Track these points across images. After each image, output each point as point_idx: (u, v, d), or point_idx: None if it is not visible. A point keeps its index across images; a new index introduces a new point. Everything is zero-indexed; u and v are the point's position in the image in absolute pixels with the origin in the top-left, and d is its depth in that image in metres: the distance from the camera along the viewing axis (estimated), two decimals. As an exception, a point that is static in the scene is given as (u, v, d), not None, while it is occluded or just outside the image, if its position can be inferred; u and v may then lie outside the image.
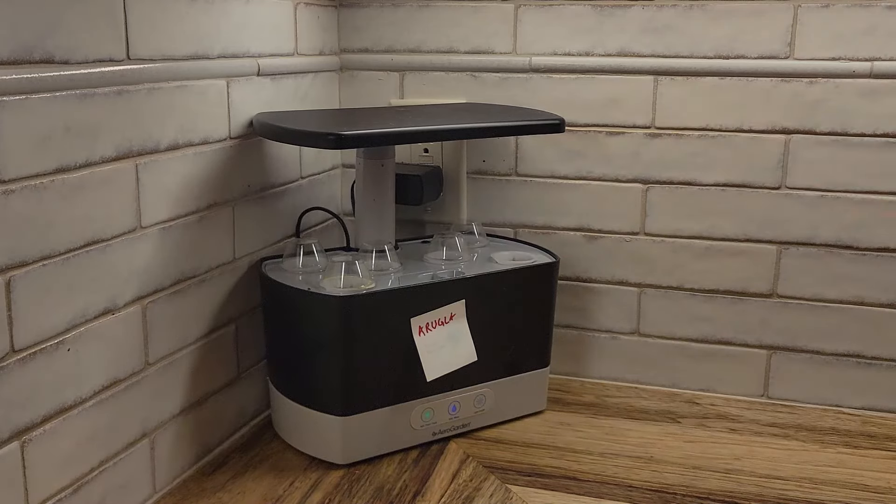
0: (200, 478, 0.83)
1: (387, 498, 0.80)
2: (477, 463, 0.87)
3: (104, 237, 0.69)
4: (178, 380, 0.81)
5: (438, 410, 0.89)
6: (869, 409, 1.00)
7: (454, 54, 1.06)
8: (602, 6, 1.00)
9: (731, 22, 0.96)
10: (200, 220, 0.81)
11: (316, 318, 0.84)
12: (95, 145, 0.67)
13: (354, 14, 1.08)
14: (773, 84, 0.96)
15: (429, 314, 0.86)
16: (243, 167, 0.88)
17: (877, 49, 0.93)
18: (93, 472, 0.70)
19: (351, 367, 0.84)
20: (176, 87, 0.76)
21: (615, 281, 1.06)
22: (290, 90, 0.97)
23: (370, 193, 0.94)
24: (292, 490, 0.81)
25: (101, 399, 0.70)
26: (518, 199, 1.07)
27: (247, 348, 0.92)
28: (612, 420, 0.97)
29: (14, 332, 0.60)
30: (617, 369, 1.08)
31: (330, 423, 0.85)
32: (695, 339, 1.04)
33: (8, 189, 0.59)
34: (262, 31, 0.90)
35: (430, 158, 1.08)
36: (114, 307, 0.71)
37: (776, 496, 0.81)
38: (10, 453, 0.61)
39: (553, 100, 1.03)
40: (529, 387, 0.97)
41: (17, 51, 0.59)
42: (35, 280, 0.62)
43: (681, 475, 0.85)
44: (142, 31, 0.71)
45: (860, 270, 0.98)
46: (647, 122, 1.01)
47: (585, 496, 0.81)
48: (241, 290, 0.89)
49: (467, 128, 0.87)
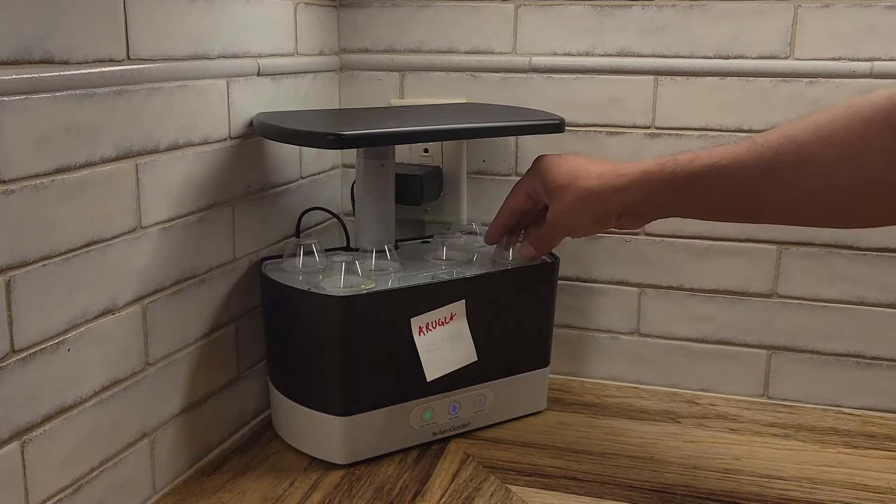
0: (200, 478, 0.83)
1: (387, 498, 0.80)
2: (477, 463, 0.87)
3: (104, 237, 0.69)
4: (178, 380, 0.81)
5: (438, 410, 0.89)
6: (869, 409, 1.00)
7: (454, 54, 1.06)
8: (602, 6, 1.00)
9: (731, 22, 0.96)
10: (200, 220, 0.81)
11: (316, 318, 0.84)
12: (95, 145, 0.67)
13: (354, 14, 1.08)
14: (773, 84, 0.96)
15: (429, 314, 0.86)
16: (243, 167, 0.88)
17: (877, 49, 0.93)
18: (93, 472, 0.70)
19: (351, 367, 0.84)
20: (176, 87, 0.76)
21: (615, 281, 1.06)
22: (290, 90, 0.97)
23: (370, 193, 0.94)
24: (292, 490, 0.81)
25: (101, 399, 0.70)
26: (518, 199, 1.07)
27: (247, 348, 0.92)
28: (612, 420, 0.97)
29: (14, 332, 0.60)
30: (617, 369, 1.08)
31: (330, 423, 0.85)
32: (695, 339, 1.04)
33: (8, 189, 0.59)
34: (262, 31, 0.90)
35: (430, 158, 1.08)
36: (114, 307, 0.71)
37: (776, 496, 0.81)
38: (10, 453, 0.61)
39: (553, 100, 1.03)
40: (529, 387, 0.97)
41: (17, 51, 0.59)
42: (35, 280, 0.62)
43: (681, 475, 0.85)
44: (142, 31, 0.71)
45: (860, 270, 0.98)
46: (647, 122, 1.01)
47: (585, 496, 0.81)
48: (241, 290, 0.89)
49: (467, 128, 0.87)
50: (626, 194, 0.77)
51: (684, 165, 0.73)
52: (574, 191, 0.80)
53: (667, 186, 0.74)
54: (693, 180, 0.73)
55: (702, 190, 0.73)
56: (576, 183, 0.80)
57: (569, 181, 0.81)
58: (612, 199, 0.78)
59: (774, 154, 0.68)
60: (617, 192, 0.78)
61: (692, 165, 0.73)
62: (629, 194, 0.77)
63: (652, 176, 0.75)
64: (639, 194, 0.76)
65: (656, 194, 0.76)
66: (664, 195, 0.75)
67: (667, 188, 0.74)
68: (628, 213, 0.79)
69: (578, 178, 0.80)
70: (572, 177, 0.81)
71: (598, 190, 0.79)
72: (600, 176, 0.79)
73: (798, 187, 0.67)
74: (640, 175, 0.76)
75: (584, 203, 0.80)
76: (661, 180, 0.75)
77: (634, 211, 0.79)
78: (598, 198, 0.79)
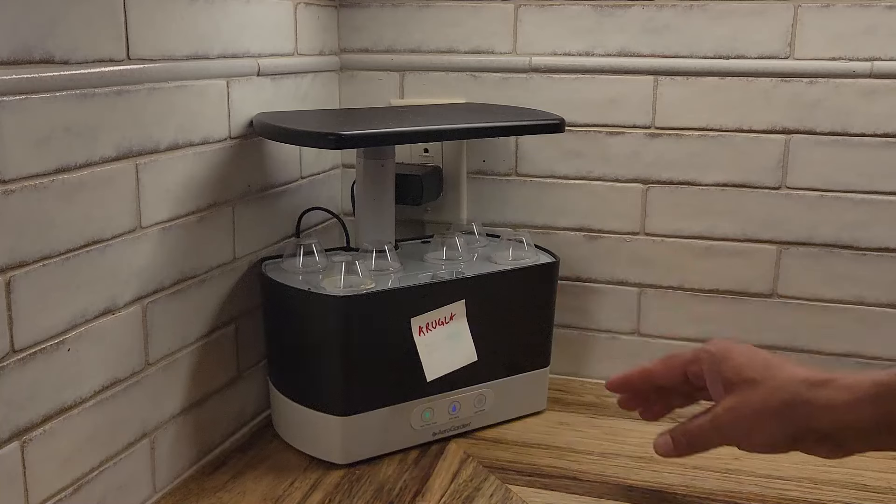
0: (200, 478, 0.83)
1: (387, 498, 0.80)
2: (477, 463, 0.87)
3: (104, 237, 0.69)
4: (178, 380, 0.81)
5: (438, 410, 0.89)
6: (869, 409, 1.00)
7: (454, 54, 1.06)
8: (602, 6, 1.00)
9: (731, 22, 0.96)
10: (200, 220, 0.81)
11: (316, 318, 0.84)
12: (95, 145, 0.67)
13: (354, 14, 1.08)
14: (773, 84, 0.96)
15: (429, 314, 0.86)
16: (243, 167, 0.88)
17: (877, 49, 0.93)
18: (93, 472, 0.70)
19: (351, 367, 0.84)
20: (176, 87, 0.76)
21: (615, 281, 1.06)
22: (290, 90, 0.97)
23: (370, 193, 0.94)
24: (292, 490, 0.81)
25: (101, 399, 0.70)
26: (518, 199, 1.07)
27: (247, 348, 0.92)
28: (612, 420, 0.97)
29: (14, 332, 0.60)
30: (617, 369, 1.07)
31: (330, 423, 0.85)
32: (695, 339, 1.04)
33: (8, 189, 0.59)
34: (262, 31, 0.90)
35: (430, 158, 1.08)
36: (114, 307, 0.71)
37: (776, 496, 0.81)
38: (10, 453, 0.61)
39: (553, 100, 1.03)
40: (529, 387, 0.97)
41: (17, 51, 0.59)
42: (35, 280, 0.62)
43: (681, 475, 0.85)
44: (142, 31, 0.71)
45: (860, 270, 0.98)
46: (647, 122, 1.01)
47: (585, 496, 0.81)
48: (241, 290, 0.89)
49: (467, 128, 0.87)
50: (848, 412, 0.59)
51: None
52: (771, 390, 0.63)
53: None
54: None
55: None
56: (774, 381, 0.63)
57: (763, 377, 0.64)
58: (826, 415, 0.60)
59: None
60: (835, 407, 0.60)
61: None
62: (853, 412, 0.59)
63: (891, 389, 0.58)
64: (867, 413, 0.59)
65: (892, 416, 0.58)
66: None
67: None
68: (835, 439, 0.62)
69: (778, 376, 0.63)
70: (769, 372, 0.64)
71: (808, 399, 0.61)
72: (809, 381, 0.62)
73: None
74: (870, 387, 0.59)
75: (783, 409, 0.62)
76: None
77: (848, 436, 0.61)
78: (806, 408, 0.61)
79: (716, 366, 0.67)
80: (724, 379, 0.66)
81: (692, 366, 0.71)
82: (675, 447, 0.70)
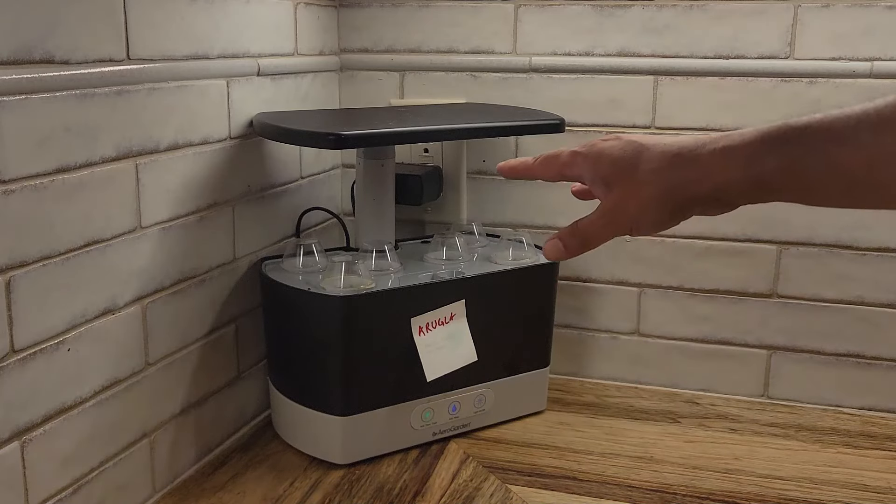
0: (200, 478, 0.83)
1: (387, 498, 0.80)
2: (477, 463, 0.87)
3: (104, 237, 0.69)
4: (178, 380, 0.81)
5: (438, 410, 0.89)
6: (869, 409, 1.00)
7: (454, 54, 1.06)
8: (602, 6, 1.00)
9: (731, 22, 0.96)
10: (200, 220, 0.81)
11: (316, 318, 0.84)
12: (95, 145, 0.67)
13: (354, 14, 1.08)
14: (773, 84, 0.96)
15: (429, 314, 0.86)
16: (243, 167, 0.88)
17: (877, 49, 0.93)
18: (93, 472, 0.70)
19: (351, 367, 0.84)
20: (176, 87, 0.76)
21: (615, 281, 1.06)
22: (290, 90, 0.97)
23: (370, 193, 0.94)
24: (292, 490, 0.81)
25: (101, 399, 0.70)
26: (518, 199, 1.07)
27: (247, 348, 0.92)
28: (612, 420, 0.97)
29: (14, 332, 0.60)
30: (617, 369, 1.08)
31: (330, 423, 0.85)
32: (695, 339, 1.04)
33: (8, 189, 0.59)
34: (262, 31, 0.90)
35: (430, 158, 1.08)
36: (114, 307, 0.71)
37: (776, 496, 0.81)
38: (10, 453, 0.61)
39: (553, 100, 1.03)
40: (529, 387, 0.97)
41: (17, 51, 0.59)
42: (35, 280, 0.62)
43: (681, 475, 0.85)
44: (142, 31, 0.71)
45: (860, 270, 0.98)
46: (647, 122, 1.01)
47: (585, 496, 0.81)
48: (241, 290, 0.89)
49: (467, 128, 0.87)
50: (722, 176, 0.58)
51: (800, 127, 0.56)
52: (647, 174, 0.60)
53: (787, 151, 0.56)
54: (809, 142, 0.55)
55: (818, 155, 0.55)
56: (650, 164, 0.60)
57: (639, 161, 0.61)
58: (703, 184, 0.58)
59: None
60: (710, 175, 0.58)
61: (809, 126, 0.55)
62: (726, 175, 0.58)
63: (775, 138, 0.56)
64: (739, 176, 0.58)
65: (780, 160, 0.57)
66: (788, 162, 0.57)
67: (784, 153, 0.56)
68: (720, 200, 0.60)
69: (652, 158, 0.61)
70: (643, 155, 0.61)
71: (682, 174, 0.59)
72: (686, 147, 0.59)
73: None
74: (755, 138, 0.57)
75: (663, 191, 0.60)
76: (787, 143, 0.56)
77: (731, 195, 0.59)
78: (683, 182, 0.59)
79: (591, 166, 0.65)
80: (602, 178, 0.64)
81: (568, 170, 0.67)
82: (565, 248, 0.68)
